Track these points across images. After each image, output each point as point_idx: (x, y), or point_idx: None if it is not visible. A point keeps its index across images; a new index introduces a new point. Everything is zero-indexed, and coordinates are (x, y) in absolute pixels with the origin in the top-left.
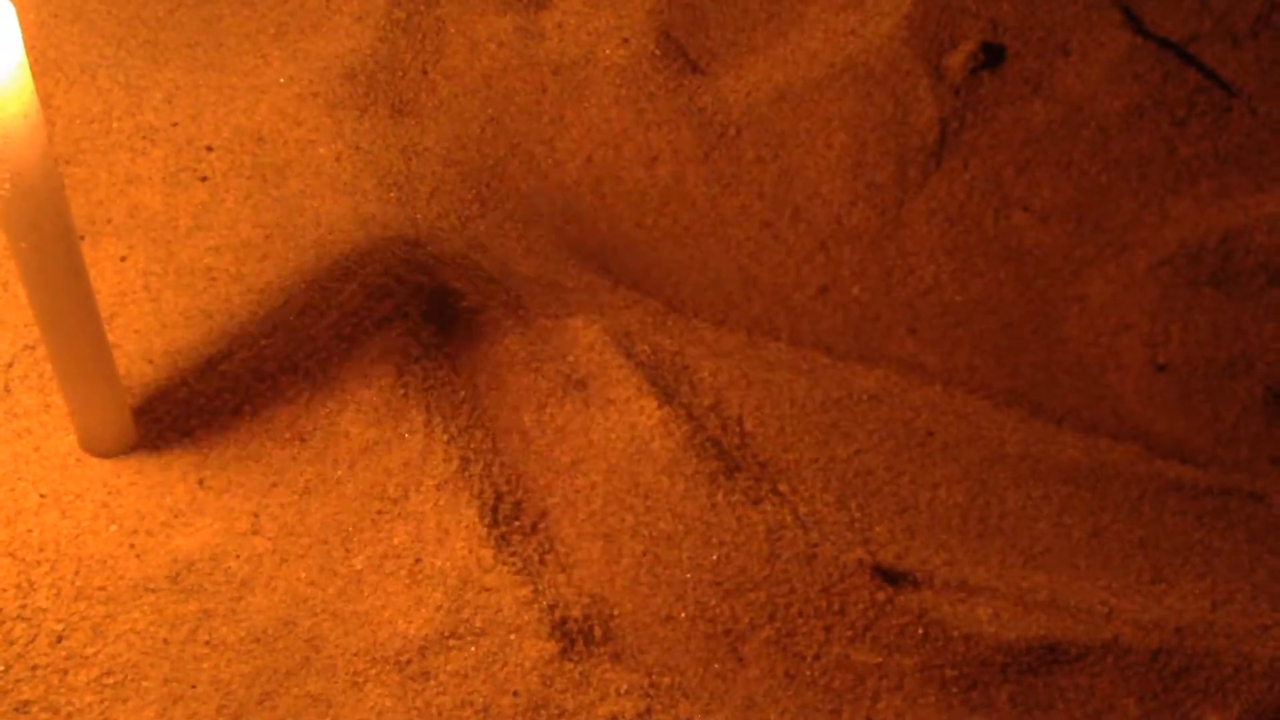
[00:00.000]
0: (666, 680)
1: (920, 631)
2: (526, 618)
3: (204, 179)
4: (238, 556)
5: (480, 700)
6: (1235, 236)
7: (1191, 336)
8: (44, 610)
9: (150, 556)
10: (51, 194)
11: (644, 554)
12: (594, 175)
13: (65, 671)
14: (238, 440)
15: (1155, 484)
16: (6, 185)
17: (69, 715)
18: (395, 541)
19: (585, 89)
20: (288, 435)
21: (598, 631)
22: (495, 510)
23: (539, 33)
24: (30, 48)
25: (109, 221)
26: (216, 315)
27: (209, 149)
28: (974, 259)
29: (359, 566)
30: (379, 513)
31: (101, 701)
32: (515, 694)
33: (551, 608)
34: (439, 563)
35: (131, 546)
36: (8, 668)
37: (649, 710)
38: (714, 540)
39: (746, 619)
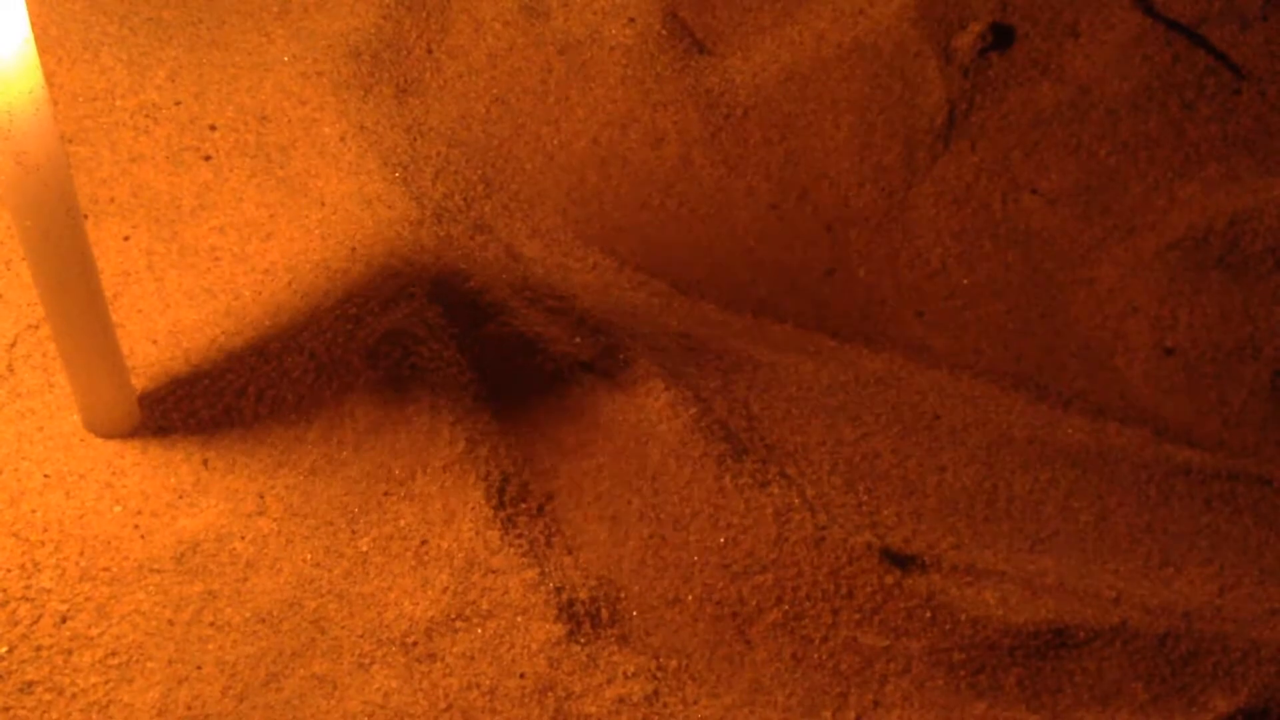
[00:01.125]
0: (674, 663)
1: (928, 615)
2: (533, 600)
3: (208, 158)
4: (243, 538)
5: (487, 682)
6: (1243, 220)
7: (1199, 320)
8: (48, 591)
9: (155, 537)
10: (56, 173)
11: (651, 536)
12: (600, 156)
13: (70, 652)
14: (242, 421)
15: (1163, 468)
16: (12, 164)
17: (73, 696)
18: (401, 523)
19: (591, 69)
20: (293, 416)
21: (605, 614)
22: (502, 492)
23: (544, 12)
24: (33, 24)
25: (112, 200)
26: (220, 295)
27: (213, 128)
28: (981, 242)
29: (365, 548)
30: (385, 494)
31: (106, 682)
32: (522, 676)
33: (558, 590)
34: (445, 544)
35: (136, 527)
36: (12, 648)
37: (656, 693)
38: (721, 523)
39: (754, 602)
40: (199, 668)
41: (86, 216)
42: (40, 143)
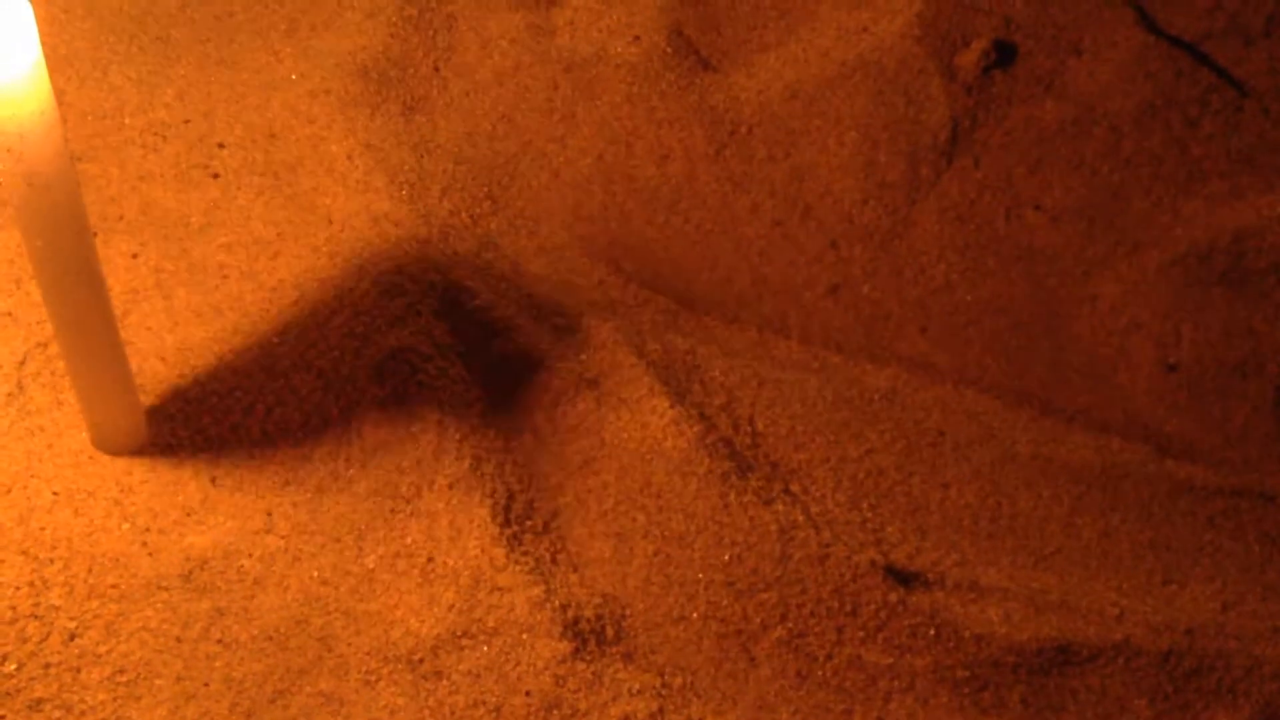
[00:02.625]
0: (679, 680)
1: (932, 632)
2: (539, 617)
3: (216, 176)
4: (250, 555)
5: (493, 700)
6: (1247, 236)
7: (1202, 337)
8: (57, 608)
9: (163, 554)
10: (66, 192)
11: (656, 554)
12: (605, 173)
13: (78, 669)
14: (250, 438)
15: (1166, 485)
16: (22, 183)
17: (82, 713)
18: (408, 540)
19: (597, 86)
20: (300, 433)
21: (610, 631)
22: (508, 509)
23: (550, 30)
24: (43, 44)
25: (121, 218)
26: (228, 313)
27: (221, 146)
28: (985, 258)
29: (371, 565)
30: (391, 511)
31: (114, 700)
32: (528, 694)
33: (564, 607)
34: (451, 562)
35: (144, 544)
36: (21, 666)
37: (661, 710)
38: (726, 540)
39: (758, 619)
40: (206, 685)
41: (95, 234)
42: (50, 163)
